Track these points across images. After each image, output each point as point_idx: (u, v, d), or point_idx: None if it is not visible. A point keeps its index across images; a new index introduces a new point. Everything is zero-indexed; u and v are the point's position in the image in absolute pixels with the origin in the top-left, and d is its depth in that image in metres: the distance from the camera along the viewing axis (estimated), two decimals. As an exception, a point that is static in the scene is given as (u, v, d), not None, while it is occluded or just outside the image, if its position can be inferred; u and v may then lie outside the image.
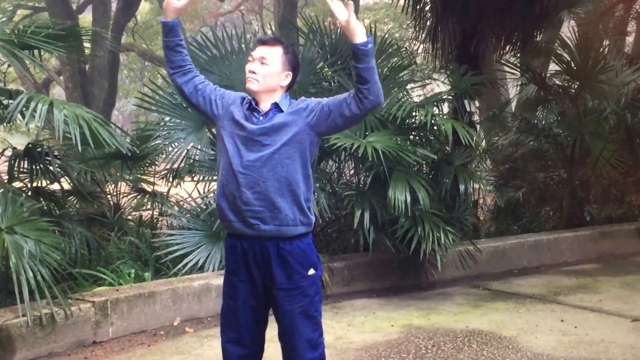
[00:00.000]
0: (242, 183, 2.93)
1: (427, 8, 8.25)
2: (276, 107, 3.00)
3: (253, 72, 2.98)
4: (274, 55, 2.99)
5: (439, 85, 8.08)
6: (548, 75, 9.15)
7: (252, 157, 2.93)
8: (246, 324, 3.07)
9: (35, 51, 5.59)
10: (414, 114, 6.41)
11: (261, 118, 2.98)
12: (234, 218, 2.99)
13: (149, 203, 7.21)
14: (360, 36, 2.86)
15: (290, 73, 3.04)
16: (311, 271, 3.04)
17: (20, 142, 6.46)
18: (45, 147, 5.88)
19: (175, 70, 3.11)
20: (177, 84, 3.14)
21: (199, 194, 6.48)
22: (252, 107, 3.01)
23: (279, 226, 2.96)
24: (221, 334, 3.17)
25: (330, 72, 6.77)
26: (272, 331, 3.15)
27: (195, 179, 6.60)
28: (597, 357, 4.45)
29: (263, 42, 3.04)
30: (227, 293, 3.12)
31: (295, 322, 3.02)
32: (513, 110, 10.38)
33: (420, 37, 8.41)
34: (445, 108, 7.45)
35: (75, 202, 6.53)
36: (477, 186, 7.43)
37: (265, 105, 3.01)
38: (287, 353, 3.10)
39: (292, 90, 3.15)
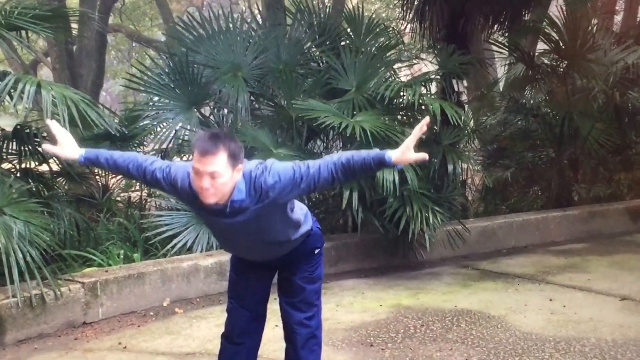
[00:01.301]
0: (244, 255, 3.19)
1: (414, -13, 8.20)
2: (237, 199, 2.82)
3: (207, 189, 2.71)
4: (221, 164, 2.68)
5: (427, 65, 8.06)
6: (536, 54, 9.15)
7: (241, 242, 3.04)
8: (251, 291, 3.23)
9: (23, 32, 5.54)
10: (401, 93, 6.40)
11: (227, 212, 2.81)
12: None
13: (138, 184, 7.19)
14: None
15: (240, 164, 2.77)
16: (316, 251, 3.26)
17: (8, 124, 6.41)
18: (33, 128, 5.85)
19: (136, 175, 3.03)
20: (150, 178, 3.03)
21: (188, 174, 6.46)
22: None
23: (287, 252, 3.15)
24: (228, 299, 3.31)
25: (318, 52, 6.74)
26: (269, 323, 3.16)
27: (185, 159, 6.57)
28: (585, 335, 4.49)
29: (204, 153, 2.67)
30: (233, 266, 3.29)
31: (299, 283, 3.21)
32: (501, 89, 10.36)
33: (407, 16, 8.36)
34: (433, 88, 7.44)
35: (64, 183, 6.52)
36: (465, 166, 7.43)
37: (224, 200, 2.81)
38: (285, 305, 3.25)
39: (277, 70, 3.12)
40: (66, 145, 3.04)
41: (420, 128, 2.78)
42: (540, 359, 4.07)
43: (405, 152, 2.77)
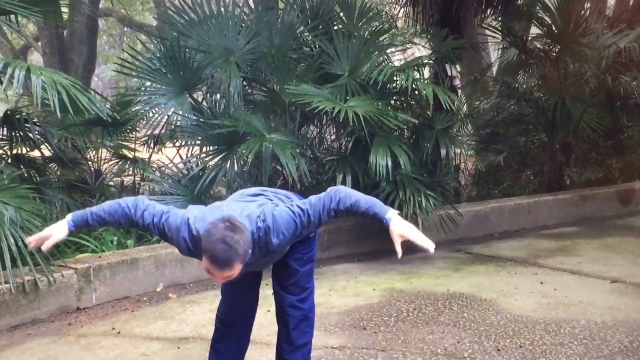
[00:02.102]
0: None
1: (407, -29, 8.17)
2: None
3: (219, 280, 2.74)
4: (236, 270, 2.66)
5: (420, 50, 8.06)
6: (529, 38, 9.14)
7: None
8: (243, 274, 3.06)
9: (12, 17, 5.50)
10: (394, 78, 6.39)
11: None
12: None
13: (131, 169, 7.19)
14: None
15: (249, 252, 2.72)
16: (311, 235, 3.23)
17: (-1, 110, 6.39)
18: (24, 114, 5.82)
19: (130, 225, 2.99)
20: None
21: (181, 159, 6.46)
22: None
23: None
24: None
25: (310, 37, 6.72)
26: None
27: (177, 144, 6.57)
28: (575, 318, 4.53)
29: (220, 268, 2.62)
30: None
31: (292, 265, 3.20)
32: (494, 74, 10.37)
33: (400, 0, 8.34)
34: (426, 72, 7.43)
35: (56, 168, 6.50)
36: (458, 151, 7.45)
37: None
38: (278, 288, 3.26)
39: (270, 55, 3.11)
40: (50, 232, 2.88)
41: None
42: (531, 341, 4.11)
43: (397, 239, 2.83)
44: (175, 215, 2.83)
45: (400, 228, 2.81)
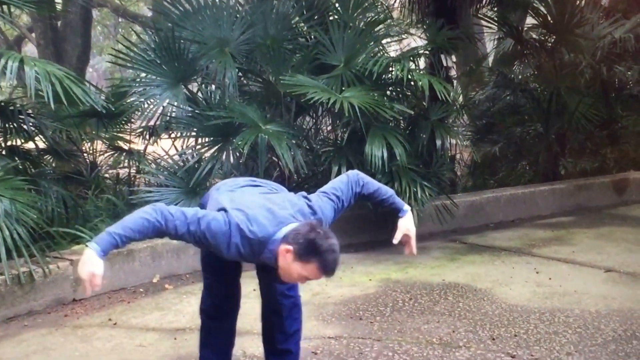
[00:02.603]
0: None
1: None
2: None
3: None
4: None
5: (416, 40, 8.04)
6: (525, 29, 9.14)
7: None
8: (226, 265, 3.09)
9: (5, 7, 5.47)
10: (390, 69, 6.37)
11: None
12: None
13: (126, 161, 7.17)
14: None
15: None
16: None
17: (-8, 101, 6.36)
18: (18, 105, 5.80)
19: (161, 236, 2.80)
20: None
21: (176, 151, 6.45)
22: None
23: None
24: (203, 276, 3.29)
25: (306, 28, 6.70)
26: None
27: (172, 136, 6.56)
28: (570, 307, 4.55)
29: (333, 274, 2.79)
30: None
31: None
32: (490, 64, 10.36)
33: (396, -10, 8.33)
34: (422, 63, 7.42)
35: (51, 160, 6.48)
36: (454, 141, 7.46)
37: None
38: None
39: (265, 46, 3.10)
40: (91, 271, 2.69)
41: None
42: (525, 330, 4.13)
43: (403, 231, 3.10)
44: (217, 220, 2.69)
45: (409, 224, 3.10)
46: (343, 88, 6.00)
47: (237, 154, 5.94)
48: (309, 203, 2.88)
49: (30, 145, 6.02)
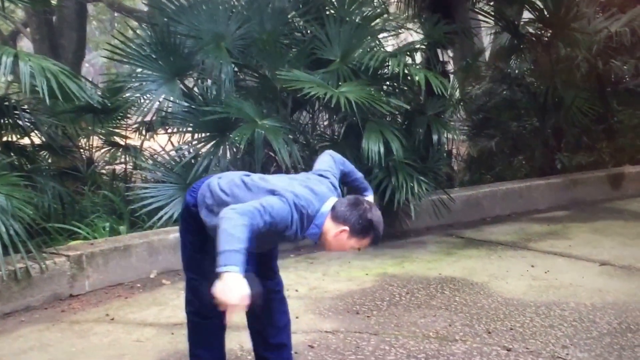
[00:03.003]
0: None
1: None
2: None
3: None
4: None
5: (412, 35, 8.04)
6: (521, 23, 9.14)
7: None
8: (212, 264, 3.04)
9: (-1, 2, 5.46)
10: (386, 64, 6.37)
11: None
12: None
13: (123, 156, 7.16)
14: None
15: None
16: None
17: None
18: (13, 100, 5.79)
19: None
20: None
21: (173, 146, 6.45)
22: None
23: None
24: (188, 276, 3.35)
25: (302, 22, 6.69)
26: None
27: (169, 131, 6.55)
28: (565, 300, 4.57)
29: (375, 242, 2.93)
30: (192, 244, 3.21)
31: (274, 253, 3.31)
32: (486, 59, 10.36)
33: (392, -15, 8.31)
34: (418, 58, 7.42)
35: (47, 156, 6.47)
36: (450, 136, 7.46)
37: None
38: None
39: (261, 41, 3.10)
40: (244, 292, 2.57)
41: None
42: (521, 323, 4.14)
43: None
44: (278, 203, 2.72)
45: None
46: (339, 83, 6.00)
47: (234, 150, 5.94)
48: (329, 180, 3.03)
49: (26, 141, 6.01)
